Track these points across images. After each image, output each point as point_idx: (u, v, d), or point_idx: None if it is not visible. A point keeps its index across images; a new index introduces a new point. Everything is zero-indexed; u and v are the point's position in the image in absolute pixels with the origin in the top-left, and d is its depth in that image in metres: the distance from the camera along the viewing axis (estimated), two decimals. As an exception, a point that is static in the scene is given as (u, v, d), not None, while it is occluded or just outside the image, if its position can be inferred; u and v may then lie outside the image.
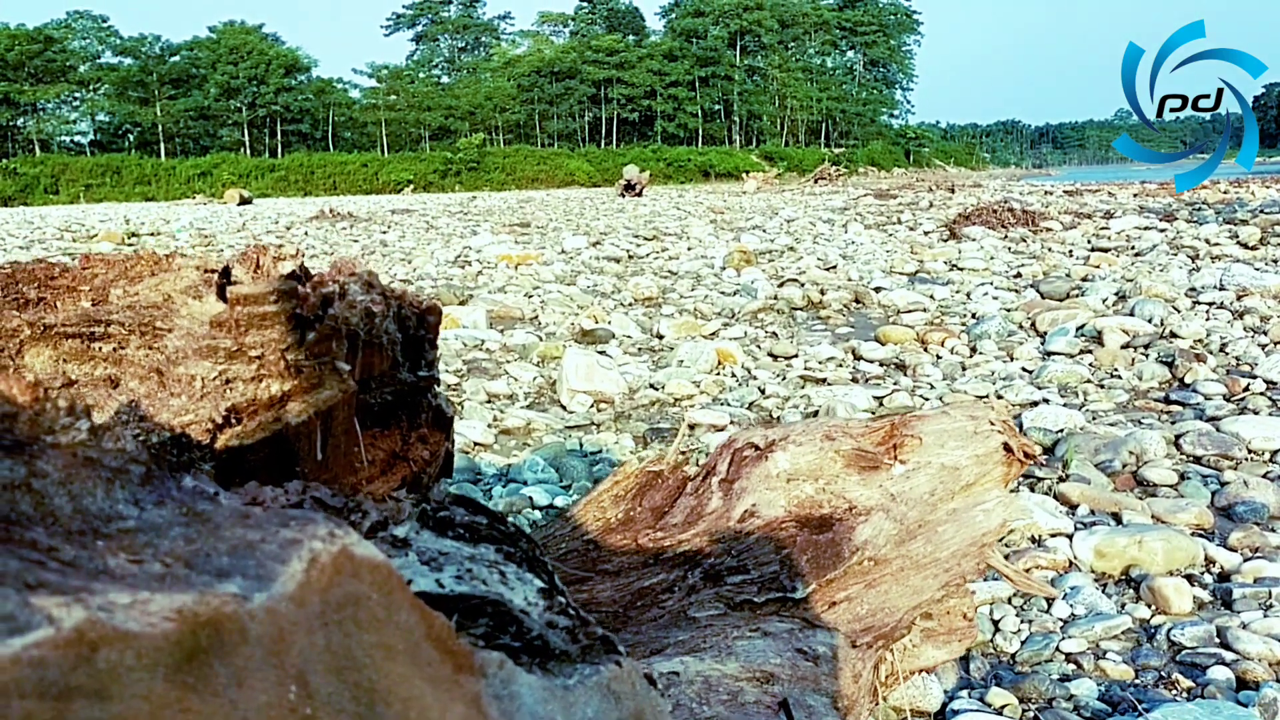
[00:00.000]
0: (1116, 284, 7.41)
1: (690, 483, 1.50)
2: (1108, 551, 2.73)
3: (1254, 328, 5.76)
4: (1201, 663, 2.20)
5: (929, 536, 1.39)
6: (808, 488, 1.40)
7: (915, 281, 8.52)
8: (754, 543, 1.34)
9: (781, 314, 7.13)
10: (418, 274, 9.66)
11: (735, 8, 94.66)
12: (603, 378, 4.77)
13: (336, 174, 65.26)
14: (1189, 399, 4.44)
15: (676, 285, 8.63)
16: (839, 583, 1.32)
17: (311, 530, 0.57)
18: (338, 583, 0.55)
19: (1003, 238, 11.61)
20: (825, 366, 5.38)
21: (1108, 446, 3.67)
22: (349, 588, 0.55)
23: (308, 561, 0.54)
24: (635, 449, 3.97)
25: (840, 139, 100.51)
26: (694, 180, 68.84)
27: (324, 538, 0.56)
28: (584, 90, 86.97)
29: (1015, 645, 2.31)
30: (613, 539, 1.44)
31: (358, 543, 0.57)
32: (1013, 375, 4.98)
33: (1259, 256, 8.97)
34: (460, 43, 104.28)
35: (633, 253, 11.49)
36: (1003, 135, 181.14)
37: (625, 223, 17.72)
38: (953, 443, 1.47)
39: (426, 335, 1.10)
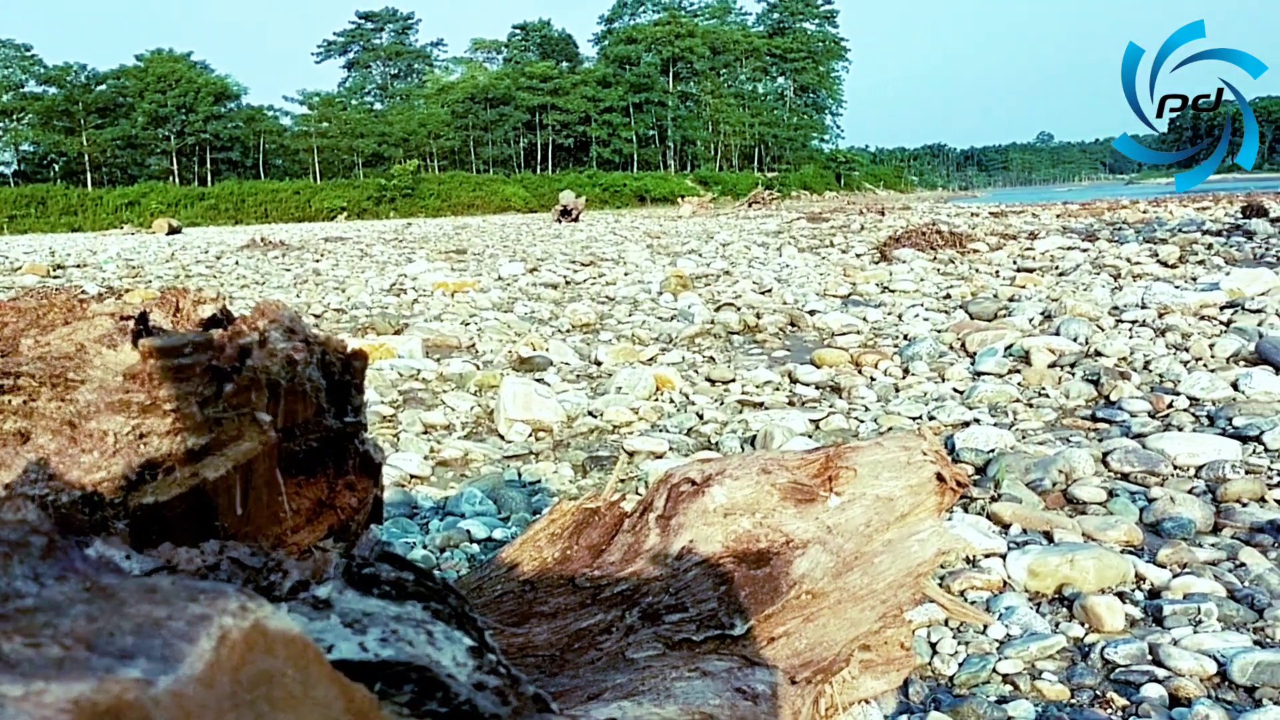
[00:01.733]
0: (1042, 304, 7.56)
1: (627, 519, 1.48)
2: (1041, 571, 2.76)
3: (1176, 345, 5.91)
4: (1135, 680, 2.23)
5: (865, 568, 1.40)
6: (745, 522, 1.39)
7: (848, 304, 8.63)
8: (692, 580, 1.33)
9: (718, 338, 7.17)
10: (352, 303, 9.55)
11: (667, 35, 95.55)
12: (541, 406, 4.74)
13: (268, 202, 64.37)
14: (1115, 416, 4.53)
15: (614, 311, 8.63)
16: (777, 618, 1.32)
17: (222, 604, 0.54)
18: (250, 660, 0.53)
19: (932, 259, 11.81)
20: (762, 390, 5.41)
21: (1038, 465, 3.73)
22: (262, 665, 0.53)
23: (217, 639, 0.52)
24: (574, 478, 3.94)
25: (773, 163, 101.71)
26: (630, 205, 69.12)
27: (235, 612, 0.54)
28: (519, 116, 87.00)
29: (953, 668, 2.33)
30: (549, 579, 1.42)
31: (271, 615, 0.55)
32: (944, 396, 5.05)
33: (1178, 274, 9.23)
34: (393, 69, 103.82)
35: (570, 279, 11.48)
36: (930, 158, 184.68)
37: (562, 248, 17.72)
38: (887, 473, 1.47)
39: (352, 380, 1.08)
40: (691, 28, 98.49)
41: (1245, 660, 2.20)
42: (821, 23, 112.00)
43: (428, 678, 0.64)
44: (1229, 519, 3.24)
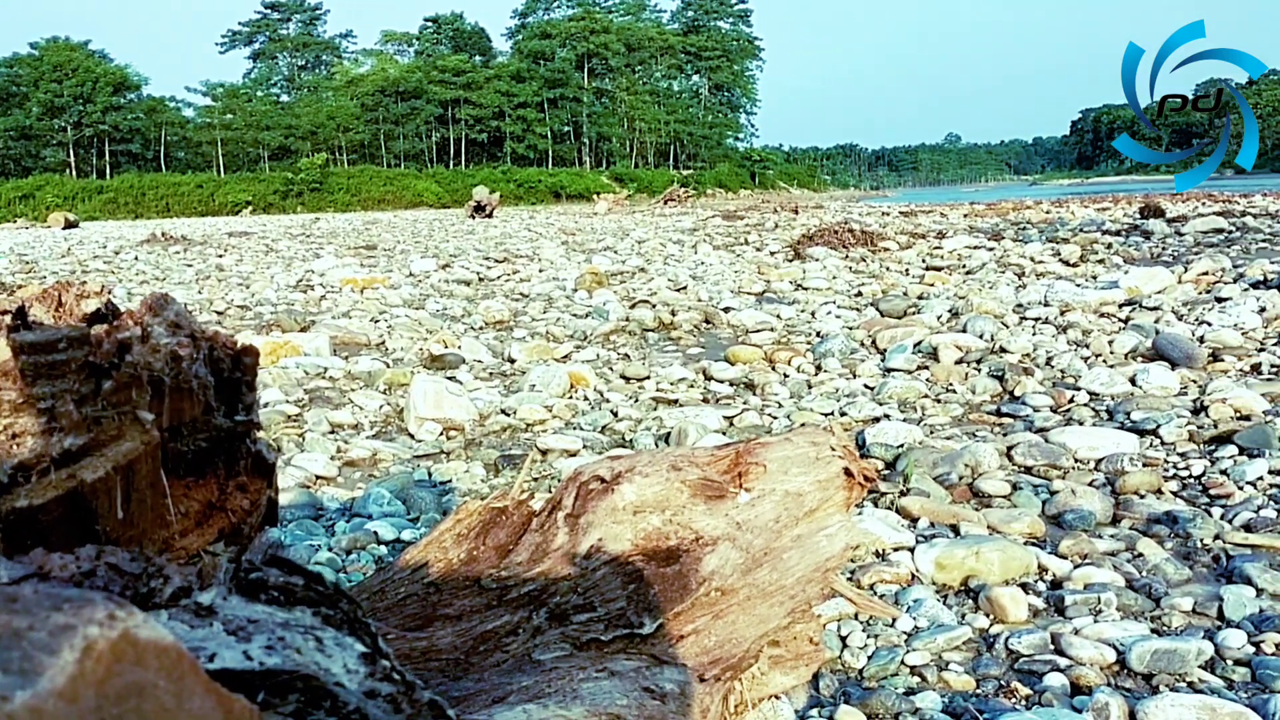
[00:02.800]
0: (950, 302, 7.72)
1: (536, 518, 1.46)
2: (947, 563, 2.81)
3: (1077, 341, 6.08)
4: (1038, 670, 2.28)
5: (775, 564, 1.39)
6: (654, 519, 1.38)
7: (763, 301, 8.70)
8: (601, 579, 1.31)
9: (633, 335, 7.16)
10: (256, 300, 9.32)
11: (582, 30, 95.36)
12: (452, 404, 4.67)
13: (170, 195, 62.57)
14: (1019, 411, 4.64)
15: (528, 308, 8.57)
16: (686, 615, 1.31)
17: (88, 613, 0.51)
18: (117, 672, 0.49)
19: (844, 257, 11.99)
20: (677, 387, 5.42)
21: (945, 460, 3.79)
22: (131, 677, 0.49)
23: (81, 650, 0.48)
24: (486, 477, 3.90)
25: (688, 161, 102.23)
26: (545, 201, 68.83)
27: (102, 621, 0.50)
28: (431, 110, 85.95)
29: (862, 661, 2.35)
30: (454, 581, 1.39)
31: (142, 624, 0.51)
32: (855, 393, 5.12)
33: (1079, 273, 9.51)
34: (300, 61, 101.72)
35: (483, 275, 11.38)
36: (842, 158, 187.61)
37: (475, 245, 17.55)
38: (796, 469, 1.47)
39: (243, 377, 1.03)
40: (606, 24, 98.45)
41: (1143, 648, 2.26)
42: (736, 22, 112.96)
43: (314, 686, 0.61)
44: (1127, 510, 3.34)
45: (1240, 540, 3.01)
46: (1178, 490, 3.54)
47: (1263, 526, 3.11)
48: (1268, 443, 3.80)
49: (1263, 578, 2.67)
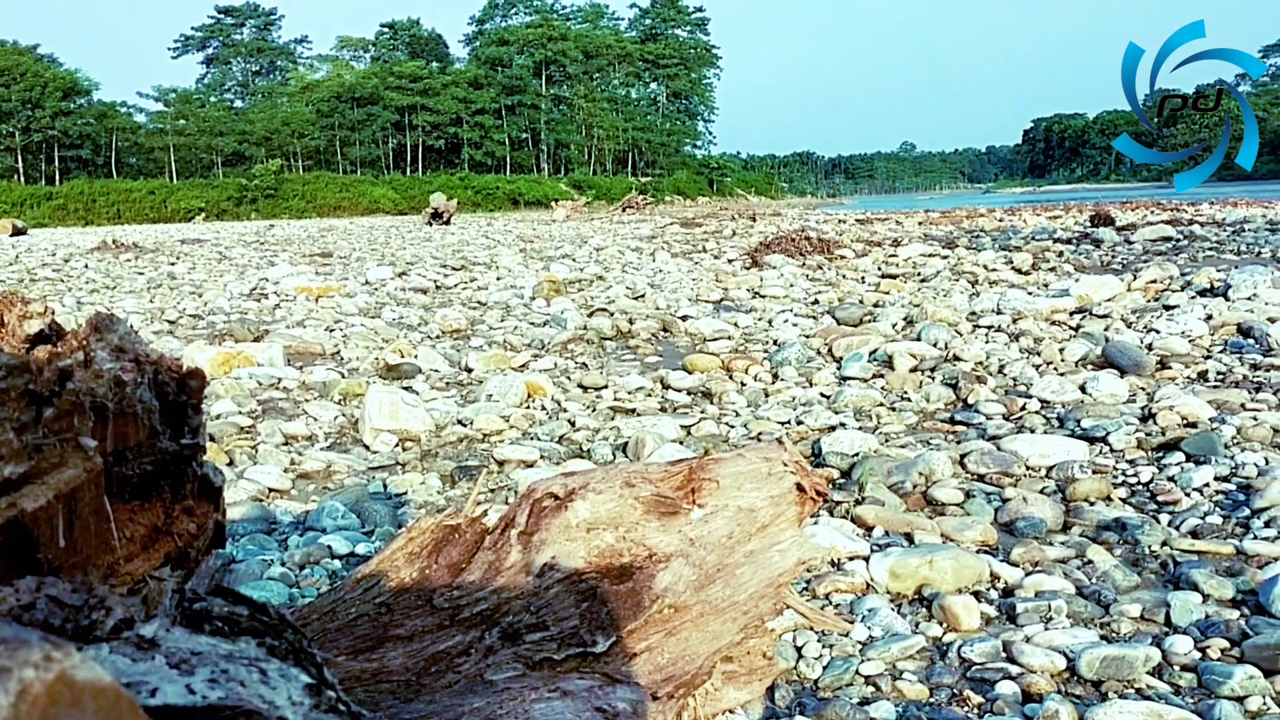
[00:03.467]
0: (905, 309, 7.80)
1: (489, 536, 1.45)
2: (901, 572, 2.84)
3: (1028, 349, 6.17)
4: (990, 678, 2.30)
5: (727, 580, 1.40)
6: (608, 536, 1.38)
7: (720, 309, 8.73)
8: (554, 597, 1.31)
9: (591, 344, 7.16)
10: (209, 308, 9.20)
11: (539, 38, 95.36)
12: (408, 415, 4.64)
13: (121, 202, 61.62)
14: (972, 419, 4.69)
15: (485, 316, 8.54)
16: (640, 633, 1.31)
17: (24, 655, 0.50)
18: (54, 715, 0.48)
19: (801, 265, 12.07)
20: (635, 397, 5.42)
21: (900, 468, 3.83)
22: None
23: (16, 694, 0.48)
24: (442, 488, 3.88)
25: (647, 168, 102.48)
26: (503, 208, 68.71)
27: (38, 663, 0.49)
28: (387, 116, 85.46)
29: (818, 671, 2.36)
30: (406, 600, 1.38)
31: (80, 664, 0.51)
32: (812, 401, 5.15)
33: (1031, 281, 9.64)
34: (254, 66, 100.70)
35: (440, 283, 11.32)
36: (799, 166, 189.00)
37: (432, 252, 17.46)
38: (749, 485, 1.48)
39: (189, 400, 1.02)
40: (564, 31, 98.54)
41: (1092, 655, 2.30)
42: (693, 30, 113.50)
43: (258, 722, 0.61)
44: (1077, 517, 3.39)
45: (1187, 546, 3.06)
46: (1126, 497, 3.59)
47: (1208, 533, 3.17)
48: (1213, 449, 3.88)
49: (1208, 583, 2.72)
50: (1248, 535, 3.11)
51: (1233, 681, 2.17)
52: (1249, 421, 4.26)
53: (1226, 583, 2.72)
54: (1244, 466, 3.69)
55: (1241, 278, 7.69)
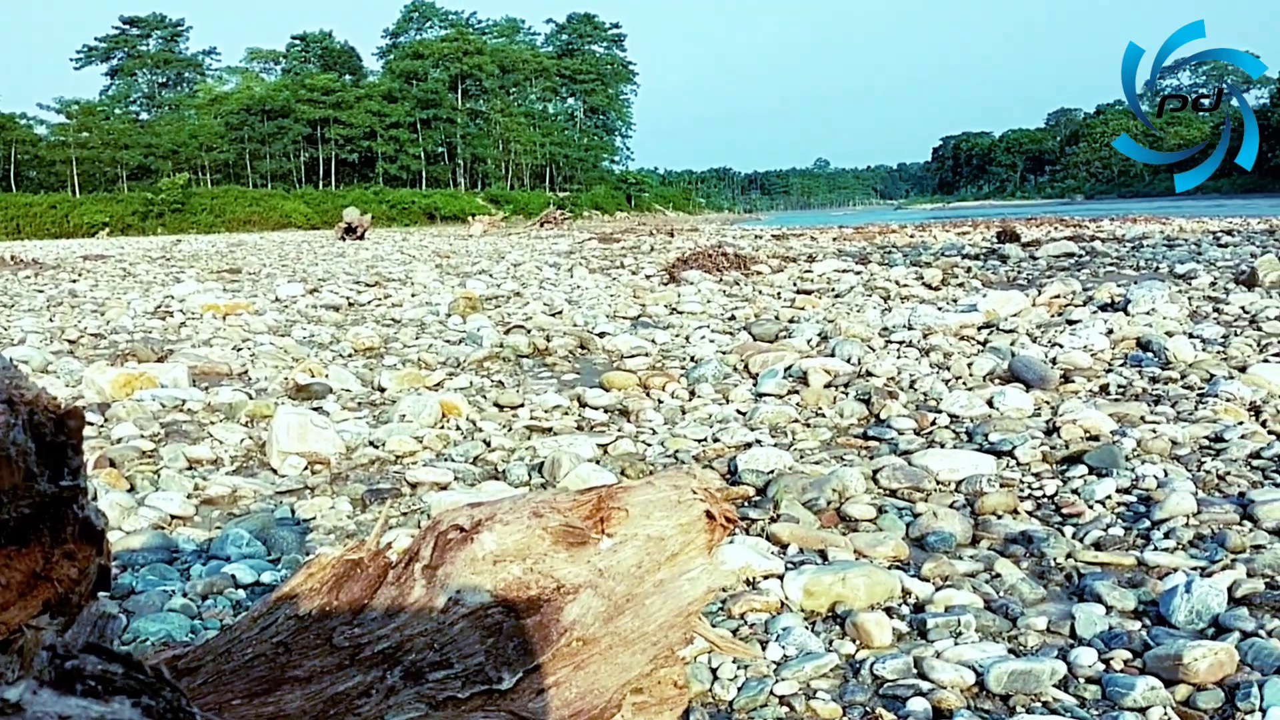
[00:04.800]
0: (819, 325, 7.90)
1: (392, 570, 1.41)
2: (815, 590, 2.85)
3: (938, 364, 6.28)
4: (902, 695, 2.32)
5: (637, 610, 1.38)
6: (515, 569, 1.35)
7: (638, 326, 8.73)
8: (459, 633, 1.28)
9: (508, 362, 7.10)
10: (111, 327, 8.91)
11: (455, 51, 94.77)
12: (317, 437, 4.54)
13: (21, 216, 59.45)
14: (884, 434, 4.76)
15: (399, 334, 8.42)
16: (547, 668, 1.28)
17: None
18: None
19: (718, 281, 12.15)
20: (551, 415, 5.38)
21: (814, 485, 3.85)
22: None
23: None
24: (353, 513, 3.79)
25: (565, 183, 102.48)
26: (419, 223, 68.01)
27: None
28: (299, 129, 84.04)
29: (732, 693, 2.35)
30: (306, 639, 1.33)
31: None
32: (728, 418, 5.17)
33: (941, 296, 9.84)
34: (161, 78, 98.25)
35: (353, 300, 11.13)
36: (716, 181, 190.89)
37: (346, 268, 17.19)
38: (658, 513, 1.47)
39: (68, 441, 0.97)
40: (480, 45, 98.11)
41: (1000, 670, 2.33)
42: (610, 46, 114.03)
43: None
44: (986, 531, 3.45)
45: (1090, 558, 3.13)
46: (1032, 510, 3.67)
47: (1111, 544, 3.25)
48: (1115, 462, 3.98)
49: (1111, 595, 2.78)
50: (1148, 546, 3.20)
51: (1135, 693, 2.21)
52: (1148, 434, 4.39)
53: (1128, 594, 2.79)
54: (1144, 478, 3.80)
55: (1140, 293, 7.95)
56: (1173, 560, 3.04)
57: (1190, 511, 3.40)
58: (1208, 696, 2.21)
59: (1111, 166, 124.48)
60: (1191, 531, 3.26)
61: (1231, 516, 3.36)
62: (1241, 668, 2.30)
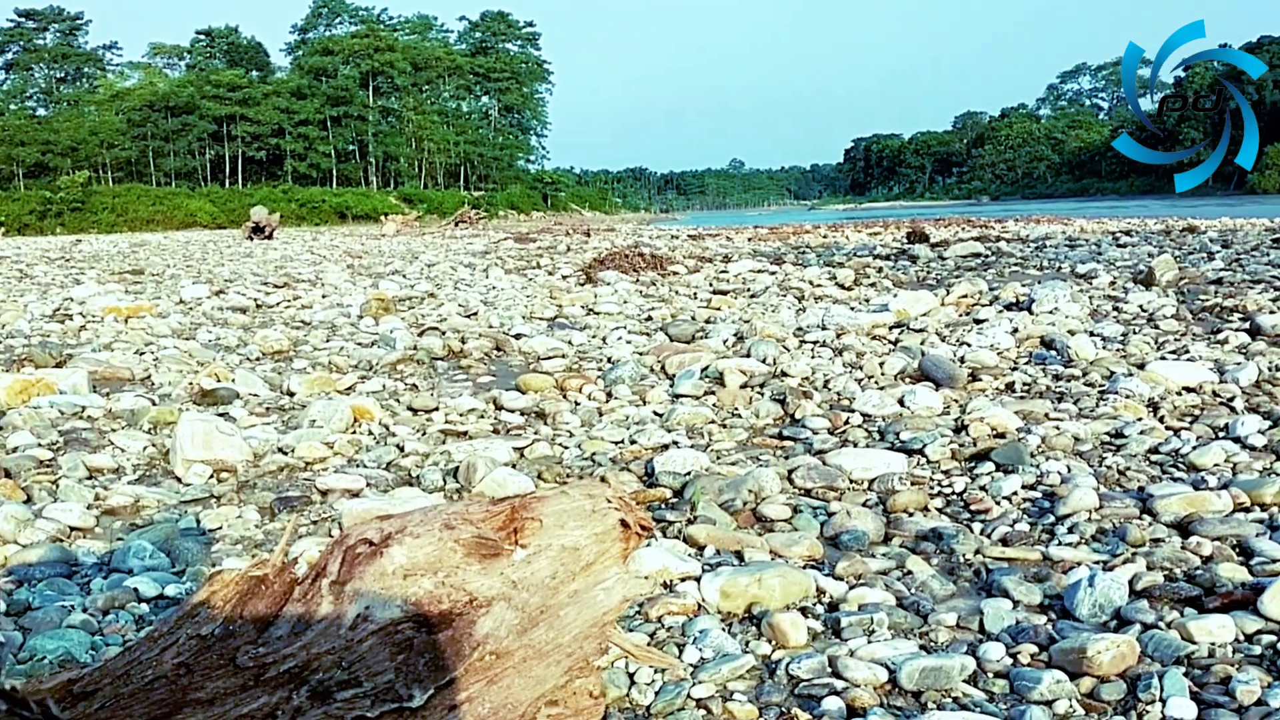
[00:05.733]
0: (735, 326, 7.95)
1: (299, 587, 1.37)
2: (731, 591, 2.86)
3: (851, 364, 6.37)
4: (817, 694, 2.34)
5: (551, 622, 1.36)
6: (426, 583, 1.32)
7: (554, 327, 8.69)
8: (368, 650, 1.25)
9: (422, 365, 7.01)
10: (6, 331, 8.57)
11: (366, 48, 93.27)
12: (224, 444, 4.41)
13: (-92, 215, 56.83)
14: (799, 434, 4.81)
15: (309, 337, 8.25)
16: (460, 683, 1.26)
17: None
18: None
19: (635, 282, 12.17)
20: (467, 419, 5.33)
21: (730, 486, 3.87)
22: None
23: None
24: (260, 522, 3.70)
25: (480, 182, 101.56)
26: (329, 222, 66.81)
27: None
28: (204, 127, 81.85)
29: (650, 697, 2.35)
30: (209, 660, 1.29)
31: None
32: (645, 420, 5.17)
33: (854, 296, 9.99)
34: (59, 73, 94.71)
35: (261, 302, 10.88)
36: (632, 181, 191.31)
37: (253, 268, 16.81)
38: (573, 523, 1.45)
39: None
40: (391, 42, 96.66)
41: (912, 666, 2.36)
42: (524, 44, 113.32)
43: None
44: (897, 529, 3.50)
45: (998, 554, 3.21)
46: (942, 507, 3.74)
47: (1017, 540, 3.33)
48: (1020, 459, 4.09)
49: (1018, 590, 2.85)
50: (1053, 541, 3.29)
51: (1041, 686, 2.27)
52: (1052, 431, 4.52)
53: (1034, 588, 2.86)
54: (1048, 475, 3.91)
55: (1044, 292, 8.18)
56: (1076, 555, 3.12)
57: (1092, 506, 3.50)
58: (1111, 688, 2.27)
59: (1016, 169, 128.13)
60: (1094, 526, 3.36)
61: (1132, 511, 3.47)
62: (1142, 659, 2.37)
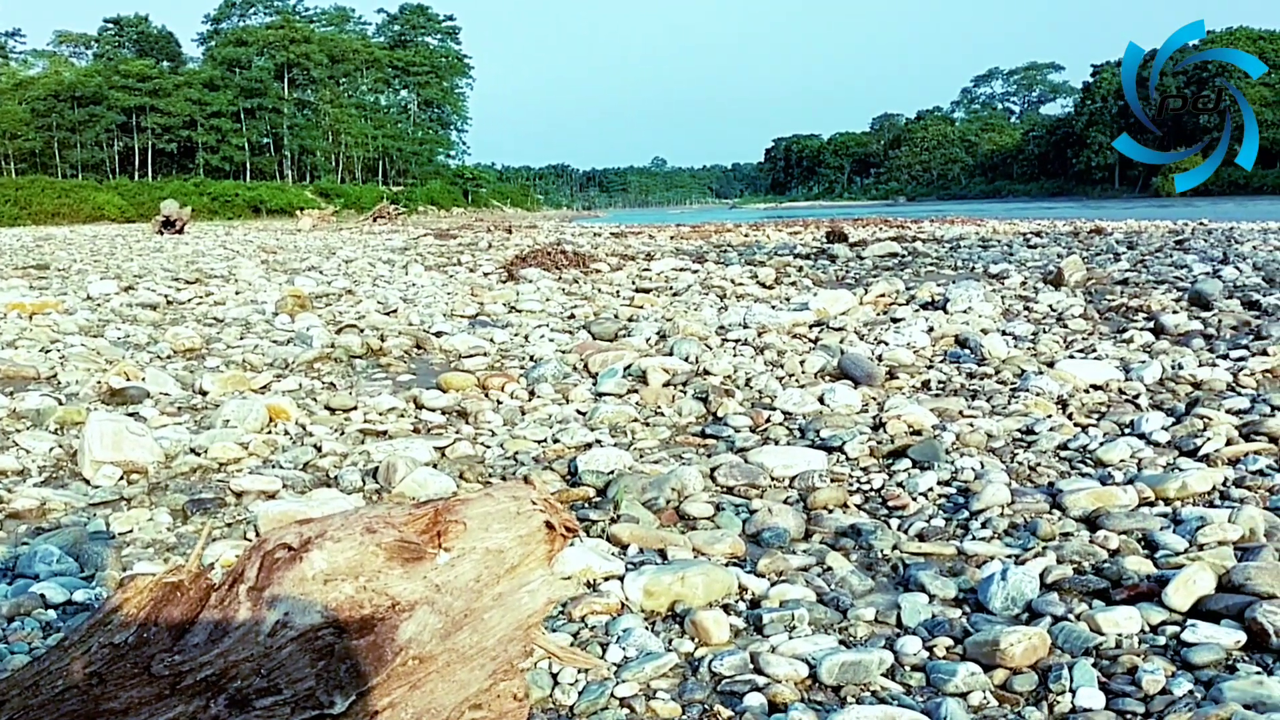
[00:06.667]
0: (658, 324, 7.98)
1: (215, 593, 1.34)
2: (655, 590, 2.87)
3: (772, 362, 6.44)
4: (739, 691, 2.36)
5: (475, 626, 1.35)
6: (347, 588, 1.30)
7: (476, 325, 8.62)
8: (287, 657, 1.23)
9: (340, 363, 6.89)
10: (-101, 329, 8.20)
11: (281, 39, 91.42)
12: (134, 444, 4.29)
13: None
14: (721, 432, 4.84)
15: (223, 334, 8.06)
16: (382, 689, 1.24)
17: None
18: None
19: (557, 279, 12.13)
20: (386, 418, 5.26)
21: (653, 484, 3.89)
22: None
23: None
24: (173, 525, 3.61)
25: (399, 177, 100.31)
26: (243, 216, 65.42)
27: None
28: (112, 117, 79.41)
29: (573, 697, 2.35)
30: (122, 669, 1.25)
31: None
32: (568, 418, 5.16)
33: (775, 295, 10.10)
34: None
35: (172, 298, 10.60)
36: (555, 178, 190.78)
37: (164, 264, 16.37)
38: (497, 525, 1.44)
39: None
40: (307, 33, 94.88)
41: (832, 661, 2.40)
42: (444, 38, 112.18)
43: None
44: (818, 525, 3.55)
45: (915, 549, 3.27)
46: (861, 504, 3.81)
47: (933, 535, 3.40)
48: (936, 456, 4.18)
49: (934, 584, 2.91)
50: (967, 536, 3.36)
51: (956, 679, 2.32)
52: (966, 428, 4.62)
53: (949, 583, 2.93)
54: (963, 471, 4.00)
55: (958, 292, 8.36)
56: (989, 549, 3.20)
57: (1005, 502, 3.59)
58: (1023, 680, 2.33)
59: (931, 170, 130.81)
60: (1006, 521, 3.45)
61: (1042, 506, 3.57)
62: (1053, 651, 2.45)
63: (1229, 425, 4.40)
